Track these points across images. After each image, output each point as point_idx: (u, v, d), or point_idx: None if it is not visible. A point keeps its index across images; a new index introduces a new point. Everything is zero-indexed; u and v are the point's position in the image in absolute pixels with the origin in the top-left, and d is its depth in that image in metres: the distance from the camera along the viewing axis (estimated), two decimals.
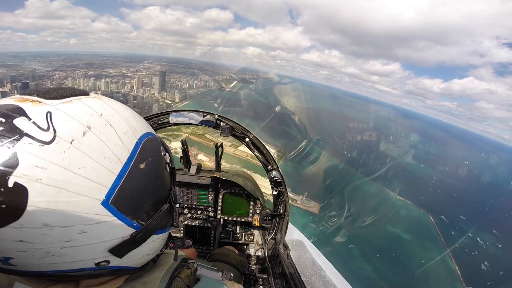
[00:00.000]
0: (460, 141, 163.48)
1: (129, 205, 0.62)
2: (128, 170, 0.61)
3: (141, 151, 0.66)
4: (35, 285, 0.65)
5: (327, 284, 2.08)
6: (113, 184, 0.58)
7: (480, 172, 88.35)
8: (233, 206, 2.84)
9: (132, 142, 0.65)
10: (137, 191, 0.63)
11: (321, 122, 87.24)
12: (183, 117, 2.47)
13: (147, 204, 0.67)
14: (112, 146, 0.59)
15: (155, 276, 0.77)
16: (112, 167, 0.58)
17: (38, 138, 0.50)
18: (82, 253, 0.58)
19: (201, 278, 0.90)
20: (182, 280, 0.81)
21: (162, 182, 0.74)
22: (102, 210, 0.57)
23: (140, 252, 0.71)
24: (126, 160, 0.61)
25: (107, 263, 0.64)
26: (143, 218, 0.66)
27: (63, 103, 0.58)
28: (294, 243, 2.62)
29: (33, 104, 0.55)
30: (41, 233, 0.51)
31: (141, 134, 0.69)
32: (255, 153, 2.49)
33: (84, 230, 0.55)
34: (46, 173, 0.50)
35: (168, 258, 0.87)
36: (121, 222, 0.60)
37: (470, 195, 69.36)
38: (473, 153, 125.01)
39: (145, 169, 0.65)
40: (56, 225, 0.52)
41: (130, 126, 0.66)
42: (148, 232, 0.68)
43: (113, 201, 0.58)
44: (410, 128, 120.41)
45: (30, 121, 0.52)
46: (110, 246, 0.61)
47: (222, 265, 2.25)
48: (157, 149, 0.74)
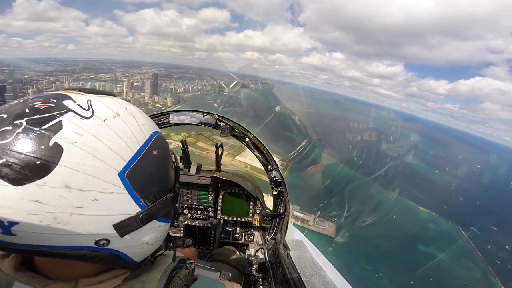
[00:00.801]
0: (464, 144, 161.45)
1: (141, 182, 0.68)
2: (144, 152, 0.70)
3: (154, 141, 0.76)
4: (34, 284, 0.66)
5: (327, 284, 2.08)
6: (131, 159, 0.66)
7: (494, 176, 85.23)
8: (233, 206, 2.84)
9: (148, 132, 0.75)
10: (148, 172, 0.70)
11: (324, 126, 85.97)
12: (183, 117, 2.47)
13: (155, 187, 0.73)
14: (134, 131, 0.70)
15: (154, 276, 0.78)
16: (131, 145, 0.67)
17: (80, 114, 0.62)
18: (87, 224, 0.60)
19: (199, 277, 0.90)
20: (180, 279, 0.82)
21: (168, 173, 0.81)
22: (118, 181, 0.63)
23: (141, 237, 0.72)
24: (143, 143, 0.71)
25: (107, 243, 0.64)
26: (150, 199, 0.71)
27: (99, 96, 0.72)
28: (294, 243, 2.62)
29: (77, 94, 0.69)
30: (59, 195, 0.55)
31: (154, 130, 0.79)
32: (255, 153, 2.49)
33: (98, 197, 0.59)
34: (81, 138, 0.59)
35: (166, 259, 0.88)
36: (130, 197, 0.65)
37: (493, 202, 65.46)
38: (479, 156, 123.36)
39: (157, 156, 0.74)
40: (76, 187, 0.56)
41: (147, 121, 0.79)
42: (152, 214, 0.71)
43: (128, 175, 0.64)
44: (417, 132, 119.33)
45: (75, 103, 0.65)
46: (115, 221, 0.64)
47: (222, 265, 2.25)
48: (166, 145, 0.83)
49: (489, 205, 62.67)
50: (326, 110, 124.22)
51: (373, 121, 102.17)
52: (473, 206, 60.09)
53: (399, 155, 74.01)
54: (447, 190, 67.45)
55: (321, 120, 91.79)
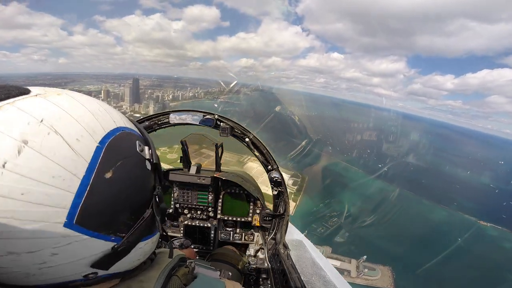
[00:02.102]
0: (473, 141, 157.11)
1: (100, 221, 0.55)
2: (90, 183, 0.52)
3: (104, 156, 0.55)
4: None
5: (327, 284, 2.08)
6: (73, 204, 0.50)
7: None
8: (233, 206, 2.84)
9: (90, 148, 0.53)
10: (106, 205, 0.55)
11: (332, 130, 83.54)
12: (184, 116, 2.47)
13: (122, 216, 0.60)
14: (62, 160, 0.48)
15: (152, 275, 0.75)
16: (66, 185, 0.48)
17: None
18: (64, 270, 0.55)
19: (198, 276, 0.88)
20: (179, 278, 0.80)
21: (139, 187, 0.65)
22: (68, 232, 0.50)
23: (130, 259, 0.67)
24: (85, 173, 0.51)
25: (95, 275, 0.60)
26: (121, 230, 0.60)
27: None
28: (294, 243, 2.62)
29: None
30: (11, 259, 0.47)
31: (103, 135, 0.57)
32: (255, 153, 2.49)
33: (55, 252, 0.50)
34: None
35: (165, 257, 0.85)
36: (95, 239, 0.55)
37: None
38: (492, 152, 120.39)
39: (113, 178, 0.55)
40: (22, 251, 0.47)
41: (87, 127, 0.54)
42: (131, 243, 0.63)
43: (78, 221, 0.51)
44: (428, 133, 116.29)
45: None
46: (91, 262, 0.57)
47: (222, 265, 2.25)
48: (129, 147, 0.63)
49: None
50: (328, 113, 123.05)
51: (382, 124, 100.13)
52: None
53: (423, 161, 71.20)
54: (492, 194, 59.98)
55: (323, 123, 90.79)
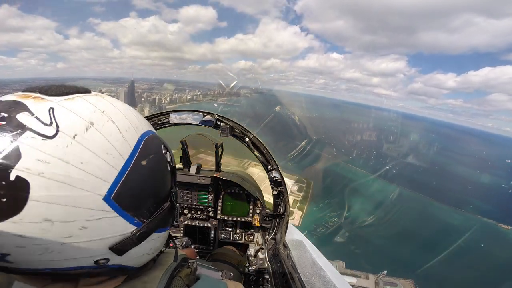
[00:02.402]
0: (475, 139, 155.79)
1: (131, 201, 0.62)
2: (130, 166, 0.61)
3: (142, 148, 0.65)
4: (35, 283, 0.64)
5: (327, 284, 2.08)
6: (115, 180, 0.57)
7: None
8: (233, 206, 2.84)
9: (134, 139, 0.64)
10: (138, 188, 0.63)
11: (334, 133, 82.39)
12: (184, 116, 2.47)
13: (149, 202, 0.67)
14: (114, 142, 0.59)
15: (155, 275, 0.77)
16: (114, 162, 0.58)
17: (41, 133, 0.50)
18: (81, 250, 0.57)
19: (201, 277, 0.89)
20: (181, 279, 0.81)
21: (163, 180, 0.74)
22: (104, 206, 0.56)
23: (141, 250, 0.69)
24: (128, 156, 0.61)
25: (107, 261, 0.63)
26: (144, 215, 0.66)
27: (65, 99, 0.58)
28: (294, 243, 2.62)
29: (35, 100, 0.55)
30: (41, 228, 0.50)
31: (142, 132, 0.69)
32: (255, 153, 2.49)
33: (85, 225, 0.54)
34: (48, 167, 0.49)
35: (168, 258, 0.87)
36: (122, 218, 0.60)
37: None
38: (496, 150, 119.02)
39: (146, 166, 0.65)
40: (57, 220, 0.51)
41: (132, 123, 0.66)
42: (149, 229, 0.67)
43: (115, 197, 0.57)
44: (434, 133, 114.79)
45: (32, 116, 0.52)
46: (110, 243, 0.60)
47: (222, 265, 2.25)
48: (158, 147, 0.74)
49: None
50: (328, 114, 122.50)
51: (383, 124, 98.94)
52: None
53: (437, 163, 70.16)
54: (506, 195, 58.43)
55: (323, 123, 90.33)
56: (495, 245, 40.03)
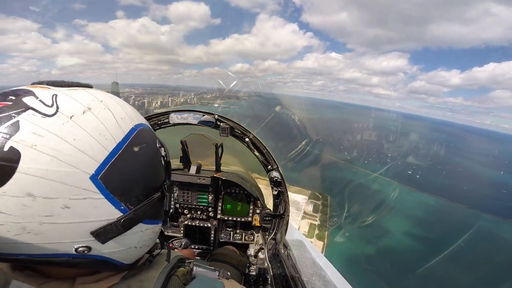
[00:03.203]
0: (477, 137, 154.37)
1: (119, 185, 0.60)
2: (121, 150, 0.62)
3: (136, 136, 0.67)
4: (32, 282, 0.63)
5: (327, 284, 2.08)
6: (105, 160, 0.58)
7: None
8: (233, 206, 2.84)
9: (128, 126, 0.66)
10: (128, 172, 0.63)
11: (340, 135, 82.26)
12: (183, 116, 2.47)
13: (138, 188, 0.66)
14: (109, 126, 0.61)
15: (152, 275, 0.76)
16: (106, 143, 0.59)
17: (41, 111, 0.54)
18: (61, 233, 0.55)
19: (197, 276, 0.88)
20: (178, 278, 0.80)
21: (155, 170, 0.73)
22: (90, 185, 0.55)
23: (126, 241, 0.67)
24: (121, 140, 0.62)
25: (88, 250, 0.60)
26: (132, 202, 0.64)
27: (69, 89, 0.63)
28: (294, 243, 2.62)
29: (42, 89, 0.59)
30: (22, 204, 0.50)
31: (137, 123, 0.71)
32: (255, 153, 2.50)
33: (68, 205, 0.53)
34: (42, 140, 0.51)
35: (164, 258, 0.86)
36: (107, 201, 0.59)
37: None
38: (507, 148, 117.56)
39: (138, 153, 0.66)
40: (40, 195, 0.50)
41: (128, 114, 0.69)
42: (136, 217, 0.65)
43: (102, 177, 0.57)
44: (444, 133, 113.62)
45: (37, 99, 0.56)
46: (93, 228, 0.58)
47: (222, 265, 2.25)
48: (152, 139, 0.75)
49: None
50: (327, 116, 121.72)
51: (384, 124, 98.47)
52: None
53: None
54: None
55: (323, 124, 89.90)
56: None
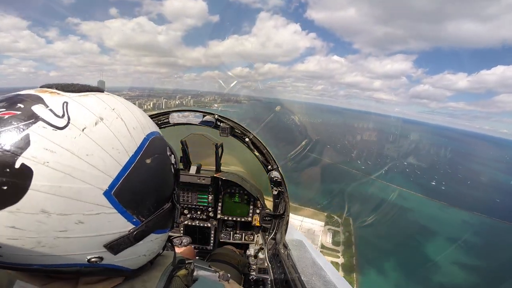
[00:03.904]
0: (487, 143, 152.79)
1: (132, 198, 0.61)
2: (134, 163, 0.61)
3: (148, 146, 0.66)
4: (35, 282, 0.64)
5: (327, 284, 2.08)
6: (118, 175, 0.57)
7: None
8: (233, 206, 2.84)
9: (140, 137, 0.65)
10: (140, 185, 0.62)
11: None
12: (183, 117, 2.47)
13: (150, 200, 0.66)
14: (121, 138, 0.60)
15: (154, 275, 0.77)
16: (119, 158, 0.58)
17: (52, 123, 0.51)
18: (75, 246, 0.56)
19: (198, 278, 0.89)
20: (180, 279, 0.81)
21: (166, 180, 0.73)
22: (104, 201, 0.55)
23: (137, 251, 0.68)
24: (133, 153, 0.61)
25: (100, 260, 0.61)
26: (143, 214, 0.65)
27: (79, 96, 0.60)
28: (294, 243, 2.62)
29: (52, 95, 0.57)
30: (37, 220, 0.50)
31: (149, 132, 0.70)
32: (255, 153, 2.50)
33: (82, 220, 0.54)
34: (54, 156, 0.50)
35: (166, 259, 0.87)
36: (120, 215, 0.59)
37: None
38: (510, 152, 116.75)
39: (150, 165, 0.65)
40: (54, 212, 0.50)
41: (140, 122, 0.68)
42: (147, 229, 0.66)
43: (116, 192, 0.57)
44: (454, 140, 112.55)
45: (47, 108, 0.53)
46: (106, 241, 0.59)
47: (221, 265, 2.25)
48: (163, 148, 0.74)
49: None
50: (328, 120, 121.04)
51: (385, 129, 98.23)
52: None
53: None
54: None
55: (324, 125, 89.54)
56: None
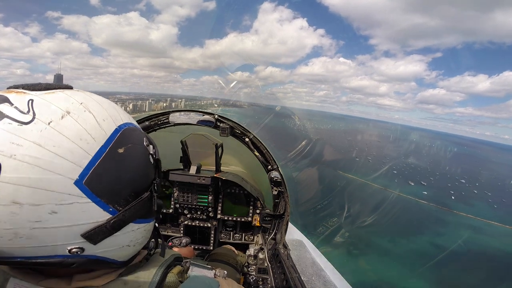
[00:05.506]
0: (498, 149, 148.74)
1: (105, 188, 0.61)
2: (105, 153, 0.61)
3: (120, 136, 0.66)
4: (30, 279, 0.65)
5: (327, 284, 2.09)
6: (88, 165, 0.57)
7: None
8: (233, 206, 2.84)
9: (111, 128, 0.65)
10: (113, 175, 0.63)
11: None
12: (183, 117, 2.47)
13: (125, 190, 0.66)
14: (90, 129, 0.60)
15: (148, 272, 0.77)
16: (88, 148, 0.58)
17: (17, 119, 0.52)
18: (53, 237, 0.57)
19: (193, 275, 0.90)
20: (175, 275, 0.82)
21: (142, 170, 0.73)
22: (75, 190, 0.56)
23: (118, 241, 0.68)
24: (104, 142, 0.61)
25: (81, 251, 0.61)
26: (120, 203, 0.65)
27: (46, 93, 0.60)
28: (294, 243, 2.63)
29: (17, 94, 0.57)
30: (10, 211, 0.51)
31: (121, 123, 0.69)
32: (255, 153, 2.50)
33: (55, 210, 0.54)
34: (21, 149, 0.50)
35: (160, 257, 0.87)
36: (95, 205, 0.59)
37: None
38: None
39: (123, 154, 0.65)
40: (26, 202, 0.51)
41: (110, 114, 0.67)
42: (125, 218, 0.66)
43: (87, 182, 0.57)
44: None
45: (12, 106, 0.54)
46: (83, 231, 0.59)
47: (220, 264, 2.25)
48: (138, 138, 0.74)
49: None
50: (329, 125, 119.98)
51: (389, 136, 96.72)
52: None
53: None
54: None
55: (324, 126, 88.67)
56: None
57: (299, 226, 3.59)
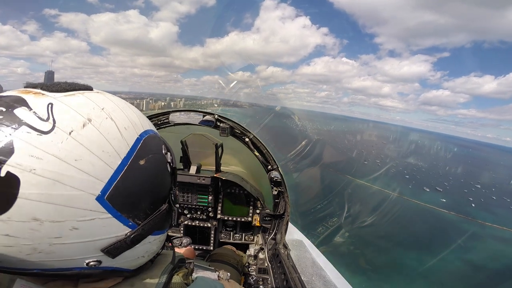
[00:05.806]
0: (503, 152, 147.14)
1: (126, 202, 0.59)
2: (127, 166, 0.59)
3: (141, 147, 0.64)
4: (36, 281, 0.64)
5: (327, 284, 2.09)
6: (110, 179, 0.55)
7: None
8: (233, 206, 2.84)
9: (133, 137, 0.63)
10: (135, 188, 0.61)
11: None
12: (183, 117, 2.47)
13: (145, 203, 0.65)
14: (112, 140, 0.57)
15: (154, 274, 0.77)
16: (110, 161, 0.56)
17: (36, 128, 0.49)
18: (72, 251, 0.55)
19: (198, 277, 0.90)
20: (180, 277, 0.82)
21: (162, 181, 0.71)
22: (96, 206, 0.54)
23: (135, 253, 0.67)
24: (126, 155, 0.59)
25: (99, 264, 0.60)
26: (140, 217, 0.63)
27: (65, 95, 0.57)
28: (294, 243, 2.63)
29: (36, 96, 0.54)
30: (30, 228, 0.49)
31: (142, 131, 0.67)
32: (255, 153, 2.50)
33: (76, 226, 0.53)
34: (41, 163, 0.48)
35: (165, 258, 0.87)
36: (116, 220, 0.58)
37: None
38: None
39: (144, 166, 0.63)
40: (46, 219, 0.49)
41: (132, 121, 0.65)
42: (144, 232, 0.65)
43: (108, 197, 0.55)
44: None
45: (30, 111, 0.51)
46: (102, 245, 0.58)
47: (221, 265, 2.25)
48: (158, 147, 0.72)
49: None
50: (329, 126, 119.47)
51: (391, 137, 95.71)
52: None
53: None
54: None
55: (325, 127, 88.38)
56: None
57: (300, 226, 3.59)
